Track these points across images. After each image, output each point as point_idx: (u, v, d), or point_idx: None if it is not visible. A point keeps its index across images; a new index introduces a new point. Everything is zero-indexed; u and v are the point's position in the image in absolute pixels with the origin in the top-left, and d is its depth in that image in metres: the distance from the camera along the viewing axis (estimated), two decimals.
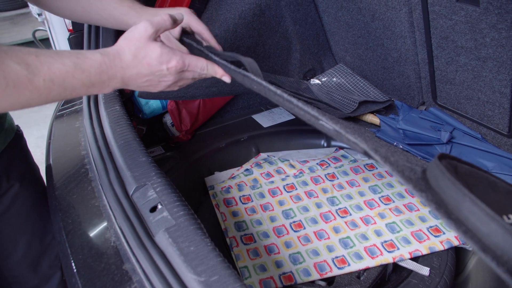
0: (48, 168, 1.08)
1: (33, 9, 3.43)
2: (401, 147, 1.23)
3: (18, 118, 3.16)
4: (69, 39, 1.25)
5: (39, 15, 3.13)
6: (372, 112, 1.47)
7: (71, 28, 1.26)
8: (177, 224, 0.77)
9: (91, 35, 1.20)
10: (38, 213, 1.12)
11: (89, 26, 1.20)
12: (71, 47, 1.25)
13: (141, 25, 0.71)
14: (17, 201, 1.05)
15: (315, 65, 1.69)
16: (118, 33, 1.28)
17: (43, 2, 0.92)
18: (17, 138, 1.08)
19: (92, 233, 0.85)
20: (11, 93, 0.57)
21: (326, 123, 0.60)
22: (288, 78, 1.62)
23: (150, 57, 0.70)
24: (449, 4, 1.07)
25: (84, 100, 1.21)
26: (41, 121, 3.09)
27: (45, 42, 3.67)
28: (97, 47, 1.22)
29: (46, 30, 3.44)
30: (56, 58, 0.62)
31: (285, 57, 1.63)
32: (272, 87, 0.69)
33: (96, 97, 1.22)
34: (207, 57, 0.83)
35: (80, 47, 1.24)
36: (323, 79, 1.67)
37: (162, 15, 0.74)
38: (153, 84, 0.74)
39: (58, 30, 3.10)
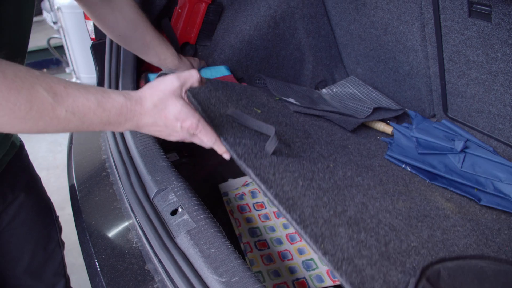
0: (70, 171, 1.11)
1: (48, 17, 3.51)
2: (409, 169, 1.25)
3: None
4: (91, 47, 1.29)
5: (55, 23, 3.20)
6: (384, 121, 1.49)
7: (93, 36, 1.30)
8: (198, 227, 0.80)
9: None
10: (42, 222, 1.13)
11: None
12: (93, 55, 1.30)
13: (169, 78, 0.74)
14: (22, 210, 1.05)
15: (327, 77, 1.72)
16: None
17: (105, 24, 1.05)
18: (21, 149, 1.09)
19: (115, 234, 0.88)
20: (33, 117, 0.59)
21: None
22: (301, 86, 1.65)
23: (168, 110, 0.72)
24: (462, 19, 1.11)
25: None
26: None
27: (59, 49, 3.74)
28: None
29: (60, 38, 3.52)
30: (83, 92, 0.64)
31: (298, 68, 1.67)
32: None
33: None
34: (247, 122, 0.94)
35: (102, 54, 1.28)
36: (334, 89, 1.70)
37: (191, 70, 0.78)
38: (163, 134, 0.76)
39: (73, 38, 3.17)
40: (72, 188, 1.06)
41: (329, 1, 1.56)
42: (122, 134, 1.11)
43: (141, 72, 1.41)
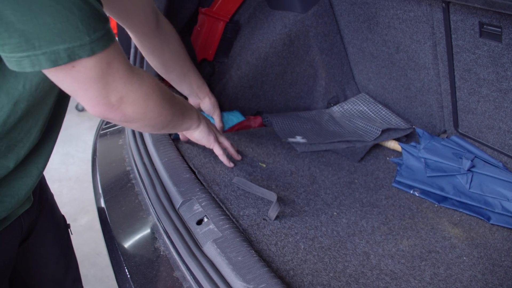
0: (95, 181, 1.15)
1: None
2: (417, 195, 1.28)
3: None
4: None
5: None
6: (394, 139, 1.53)
7: None
8: (224, 236, 0.84)
9: None
10: (62, 230, 1.17)
11: None
12: None
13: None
14: (47, 221, 1.09)
15: (339, 93, 1.77)
16: None
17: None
18: None
19: (142, 243, 0.91)
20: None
21: None
22: (310, 111, 1.70)
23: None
24: (473, 39, 1.15)
25: None
26: (66, 139, 3.21)
27: None
28: None
29: None
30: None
31: (311, 84, 1.72)
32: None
33: None
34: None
35: None
36: (345, 107, 1.74)
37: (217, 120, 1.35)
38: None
39: None
40: (98, 198, 1.10)
41: (342, 20, 1.62)
42: (145, 147, 1.15)
43: None
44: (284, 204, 1.08)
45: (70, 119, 3.52)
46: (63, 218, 1.20)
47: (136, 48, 1.31)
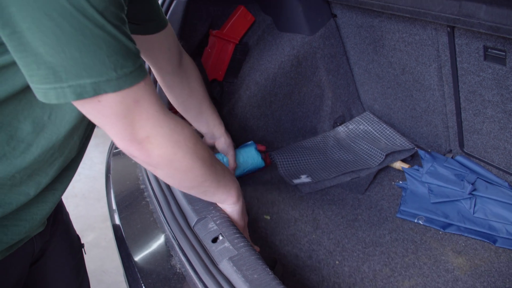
0: (109, 198, 1.18)
1: None
2: (421, 223, 1.31)
3: None
4: None
5: None
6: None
7: None
8: (239, 254, 0.86)
9: None
10: (75, 248, 1.17)
11: None
12: None
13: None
14: (61, 239, 1.09)
15: (345, 112, 1.81)
16: None
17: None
18: None
19: (158, 260, 0.93)
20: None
21: None
22: (316, 138, 1.74)
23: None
24: (477, 62, 1.19)
25: None
26: None
27: None
28: None
29: None
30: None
31: (318, 104, 1.75)
32: None
33: None
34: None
35: None
36: (350, 127, 1.78)
37: (231, 161, 1.35)
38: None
39: None
40: (112, 216, 1.12)
41: (348, 42, 1.66)
42: None
43: None
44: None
45: None
46: (77, 238, 1.20)
47: (149, 68, 1.35)
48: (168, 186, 1.09)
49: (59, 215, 1.09)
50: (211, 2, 1.51)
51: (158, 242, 0.97)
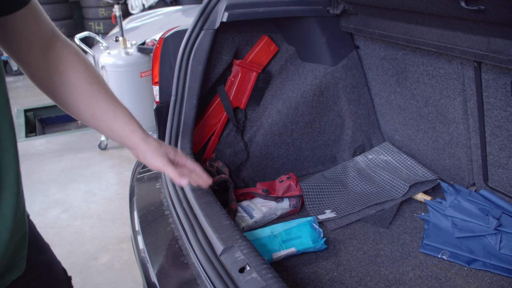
0: (133, 223, 1.18)
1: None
2: (445, 258, 1.28)
3: (67, 173, 3.36)
4: (155, 109, 1.41)
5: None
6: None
7: (158, 100, 1.42)
8: (268, 286, 0.85)
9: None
10: (64, 285, 0.95)
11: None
12: (156, 117, 1.42)
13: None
14: (43, 284, 0.87)
15: (365, 142, 1.81)
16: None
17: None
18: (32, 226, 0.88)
19: None
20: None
21: None
22: (336, 168, 1.74)
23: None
24: (504, 97, 1.19)
25: None
26: (88, 176, 3.26)
27: None
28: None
29: None
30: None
31: (338, 133, 1.76)
32: None
33: None
34: None
35: (164, 116, 1.40)
36: (370, 156, 1.78)
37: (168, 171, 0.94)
38: None
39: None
40: (136, 240, 1.12)
41: (370, 73, 1.68)
42: (183, 192, 1.18)
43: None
44: None
45: (92, 157, 3.60)
46: (63, 272, 0.97)
47: (177, 95, 1.38)
48: (194, 214, 1.09)
49: (40, 256, 0.87)
50: (237, 31, 1.55)
51: (184, 270, 0.96)
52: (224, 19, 1.35)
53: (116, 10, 3.26)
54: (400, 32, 1.34)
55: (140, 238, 1.11)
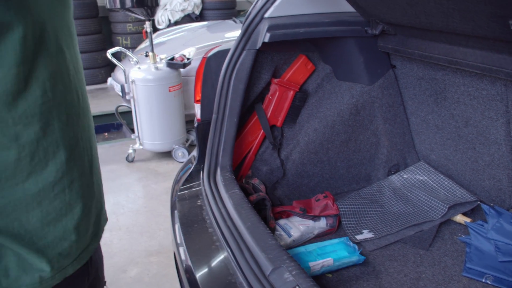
0: (176, 235, 1.20)
1: (116, 86, 3.84)
2: (489, 283, 1.26)
3: None
4: (196, 127, 1.44)
5: (126, 93, 3.49)
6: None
7: (199, 117, 1.45)
8: None
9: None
10: None
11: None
12: (197, 134, 1.44)
13: None
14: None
15: (400, 161, 1.80)
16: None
17: None
18: None
19: None
20: None
21: None
22: (371, 187, 1.73)
23: None
24: None
25: (205, 181, 1.36)
26: (116, 188, 3.31)
27: (123, 115, 4.05)
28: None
29: (126, 106, 3.82)
30: None
31: (373, 152, 1.76)
32: None
33: (214, 179, 1.38)
34: None
35: (205, 133, 1.43)
36: (405, 176, 1.76)
37: None
38: None
39: (142, 108, 3.46)
40: (182, 257, 1.13)
41: (407, 92, 1.68)
42: (226, 210, 1.20)
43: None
44: None
45: (119, 169, 3.66)
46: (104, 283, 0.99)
47: (218, 113, 1.40)
48: (239, 233, 1.10)
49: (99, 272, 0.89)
50: (276, 51, 1.57)
51: None
52: (266, 40, 1.37)
53: (147, 26, 3.34)
54: (442, 53, 1.34)
55: (182, 250, 1.12)
